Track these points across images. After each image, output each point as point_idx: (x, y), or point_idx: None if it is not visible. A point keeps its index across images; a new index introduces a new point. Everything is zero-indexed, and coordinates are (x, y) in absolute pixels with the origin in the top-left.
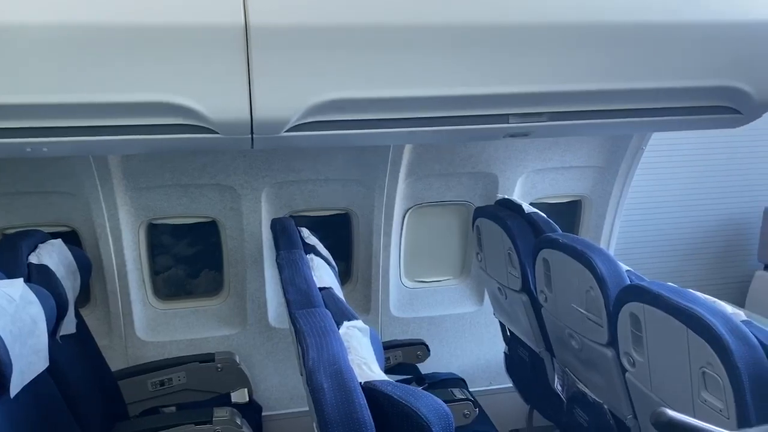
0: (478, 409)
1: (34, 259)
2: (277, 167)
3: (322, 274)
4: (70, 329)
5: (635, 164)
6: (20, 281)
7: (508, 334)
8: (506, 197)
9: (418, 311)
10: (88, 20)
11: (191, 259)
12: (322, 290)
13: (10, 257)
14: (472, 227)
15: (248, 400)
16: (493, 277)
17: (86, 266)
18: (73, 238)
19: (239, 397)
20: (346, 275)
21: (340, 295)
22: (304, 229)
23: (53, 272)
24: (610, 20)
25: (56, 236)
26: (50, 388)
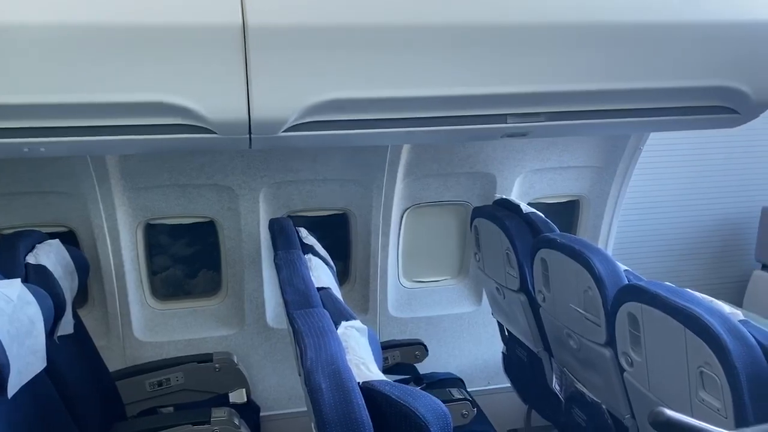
0: (476, 409)
1: (31, 259)
2: (275, 167)
3: (320, 274)
4: (67, 329)
5: (633, 164)
6: (18, 281)
7: (506, 334)
8: (504, 197)
9: (416, 311)
10: (85, 20)
11: (189, 259)
12: (320, 290)
13: (7, 257)
14: (470, 227)
15: (246, 400)
16: (491, 277)
17: (84, 266)
18: (70, 238)
19: (237, 397)
20: (344, 275)
21: (338, 295)
22: (302, 229)
23: (51, 272)
24: (607, 20)
25: (54, 236)
26: (48, 388)
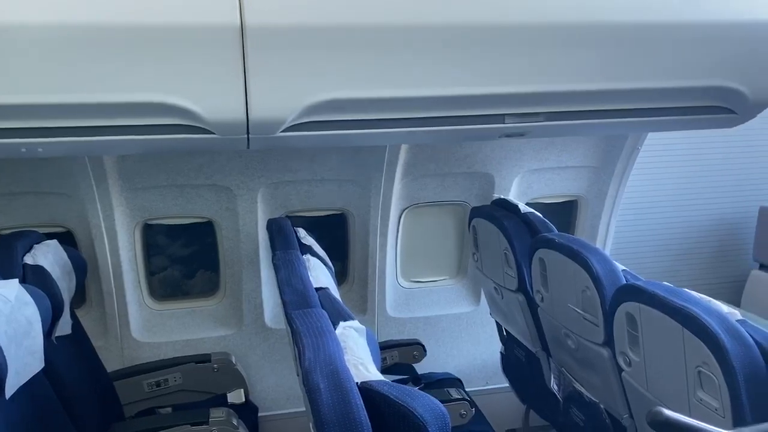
0: (474, 409)
1: (29, 259)
2: (273, 167)
3: (318, 274)
4: (65, 330)
5: (631, 164)
6: (15, 282)
7: (504, 334)
8: (502, 197)
9: (414, 311)
10: (82, 20)
11: (187, 259)
12: (318, 291)
13: (5, 258)
14: (468, 227)
15: (244, 400)
16: (489, 277)
17: (82, 267)
18: (68, 238)
19: (235, 397)
20: (342, 275)
21: (336, 295)
22: (300, 229)
23: (48, 273)
24: (605, 20)
25: (52, 237)
26: (46, 389)
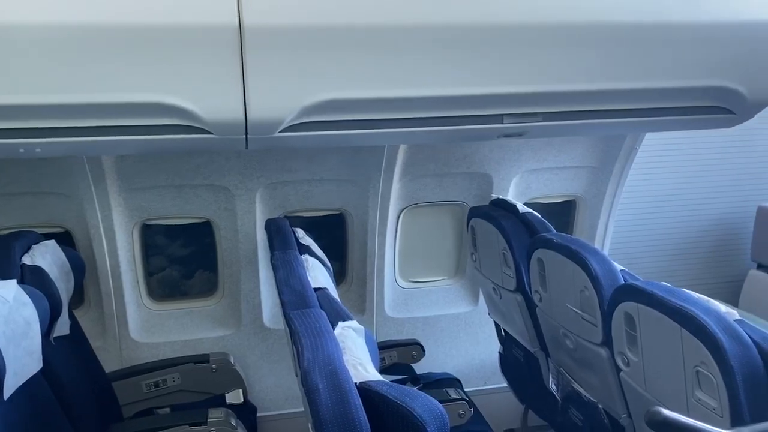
0: (473, 409)
1: (27, 260)
2: (271, 168)
3: (316, 274)
4: (63, 330)
5: (629, 164)
6: (13, 282)
7: (502, 334)
8: (501, 197)
9: (413, 311)
10: (80, 20)
11: (185, 259)
12: (317, 291)
13: (3, 258)
14: (466, 227)
15: (243, 401)
16: (487, 277)
17: (80, 267)
18: (66, 239)
19: (234, 398)
20: (340, 275)
21: (335, 295)
22: (298, 229)
23: (47, 273)
24: (603, 21)
25: (49, 237)
26: (44, 389)
